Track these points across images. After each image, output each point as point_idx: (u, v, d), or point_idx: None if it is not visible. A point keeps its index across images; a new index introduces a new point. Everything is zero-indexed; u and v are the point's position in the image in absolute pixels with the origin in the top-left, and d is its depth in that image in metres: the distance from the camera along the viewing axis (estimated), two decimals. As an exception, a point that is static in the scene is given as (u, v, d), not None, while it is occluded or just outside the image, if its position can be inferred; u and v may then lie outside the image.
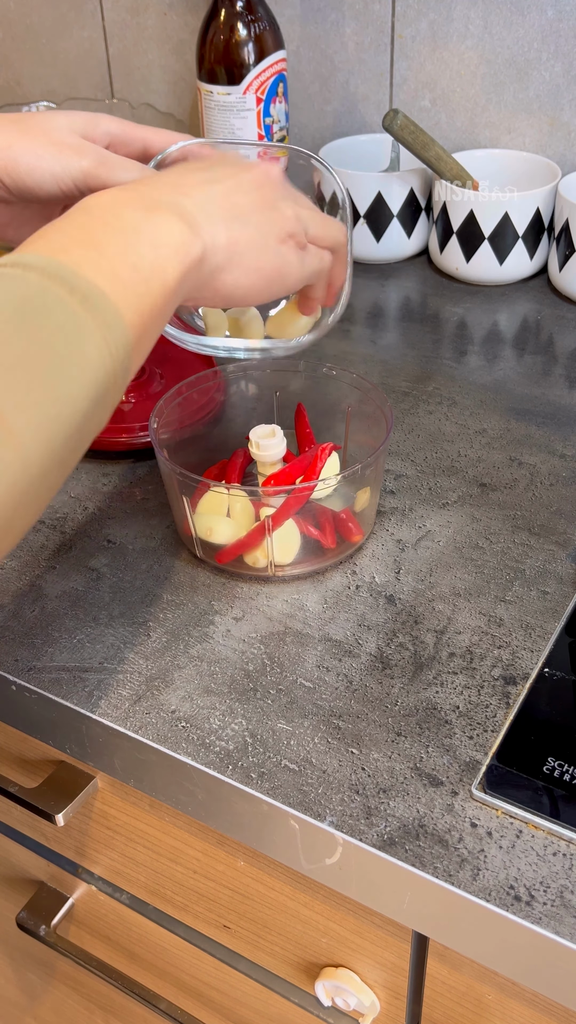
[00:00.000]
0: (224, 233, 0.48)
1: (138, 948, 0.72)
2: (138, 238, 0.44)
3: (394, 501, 0.65)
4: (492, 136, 0.96)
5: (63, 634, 0.56)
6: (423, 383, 0.77)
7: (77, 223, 0.44)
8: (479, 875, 0.43)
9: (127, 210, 0.45)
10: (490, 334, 0.84)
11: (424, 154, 0.86)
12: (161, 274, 0.44)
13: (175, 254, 0.45)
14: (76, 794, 0.60)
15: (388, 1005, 0.58)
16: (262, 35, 0.92)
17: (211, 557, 0.60)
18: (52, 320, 0.39)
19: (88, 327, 0.40)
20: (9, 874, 0.79)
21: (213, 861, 0.59)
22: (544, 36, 0.89)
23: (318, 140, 1.05)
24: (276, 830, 0.48)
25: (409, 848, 0.45)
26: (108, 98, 1.17)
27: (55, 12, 1.15)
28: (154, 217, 0.45)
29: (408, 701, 0.51)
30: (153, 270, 0.44)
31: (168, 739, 0.50)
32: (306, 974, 0.61)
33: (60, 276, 0.41)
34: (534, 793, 0.46)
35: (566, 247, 0.85)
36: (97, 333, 0.40)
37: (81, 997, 0.84)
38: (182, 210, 0.47)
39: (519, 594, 0.57)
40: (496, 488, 0.66)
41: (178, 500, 0.59)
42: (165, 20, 1.08)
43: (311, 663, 0.54)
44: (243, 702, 0.52)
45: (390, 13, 0.95)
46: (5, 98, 1.25)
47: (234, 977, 0.67)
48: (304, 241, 0.53)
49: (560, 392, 0.76)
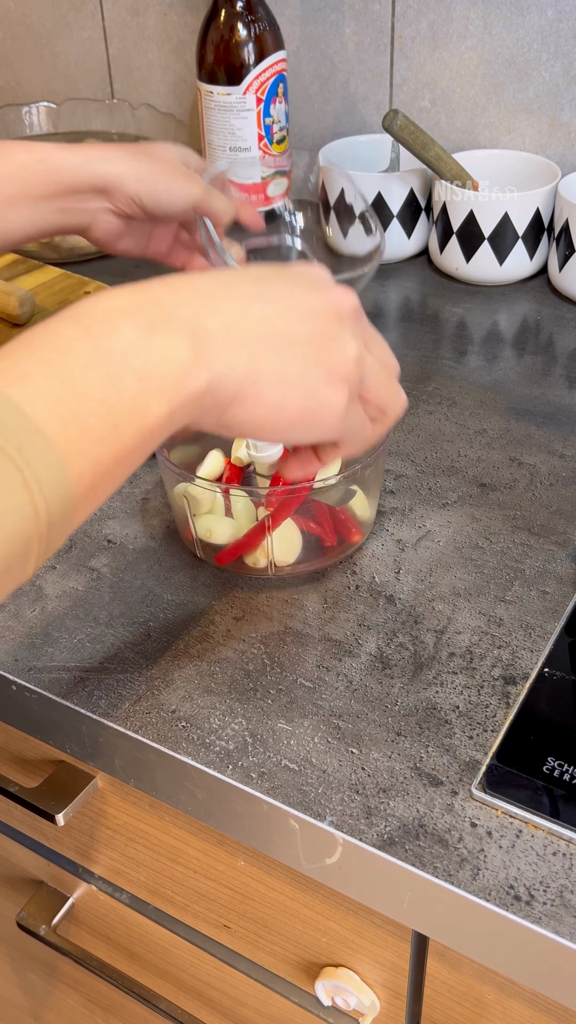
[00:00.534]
0: (244, 363, 0.41)
1: (138, 948, 0.72)
2: (122, 368, 0.37)
3: (394, 501, 0.65)
4: (492, 136, 0.96)
5: (63, 634, 0.56)
6: (423, 383, 0.77)
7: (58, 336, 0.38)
8: (479, 875, 0.44)
9: (126, 324, 0.38)
10: (490, 334, 0.84)
11: (424, 154, 0.86)
12: (140, 414, 0.38)
13: (165, 388, 0.38)
14: (76, 794, 0.61)
15: (388, 1005, 0.58)
16: (262, 35, 0.92)
17: (211, 557, 0.60)
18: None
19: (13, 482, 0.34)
20: (9, 874, 0.79)
21: (213, 861, 0.59)
22: (544, 36, 0.89)
23: (318, 140, 1.06)
24: (276, 830, 0.48)
25: (409, 848, 0.45)
26: (108, 98, 1.17)
27: (55, 12, 1.15)
28: (155, 337, 0.38)
29: (408, 701, 0.51)
30: (130, 410, 0.37)
31: (168, 739, 0.50)
32: (306, 974, 0.61)
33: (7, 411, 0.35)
34: (534, 793, 0.46)
35: (566, 247, 0.85)
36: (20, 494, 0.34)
37: (81, 997, 0.84)
38: (197, 328, 0.39)
39: (519, 594, 0.57)
40: (496, 488, 0.66)
41: (178, 500, 0.59)
42: (165, 20, 1.08)
43: (311, 663, 0.54)
44: (243, 702, 0.52)
45: (390, 13, 0.95)
46: (5, 98, 1.25)
47: (234, 977, 0.67)
48: (354, 393, 0.45)
49: (560, 392, 0.76)
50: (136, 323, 0.38)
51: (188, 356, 0.39)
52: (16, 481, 0.34)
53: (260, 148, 0.96)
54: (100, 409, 0.37)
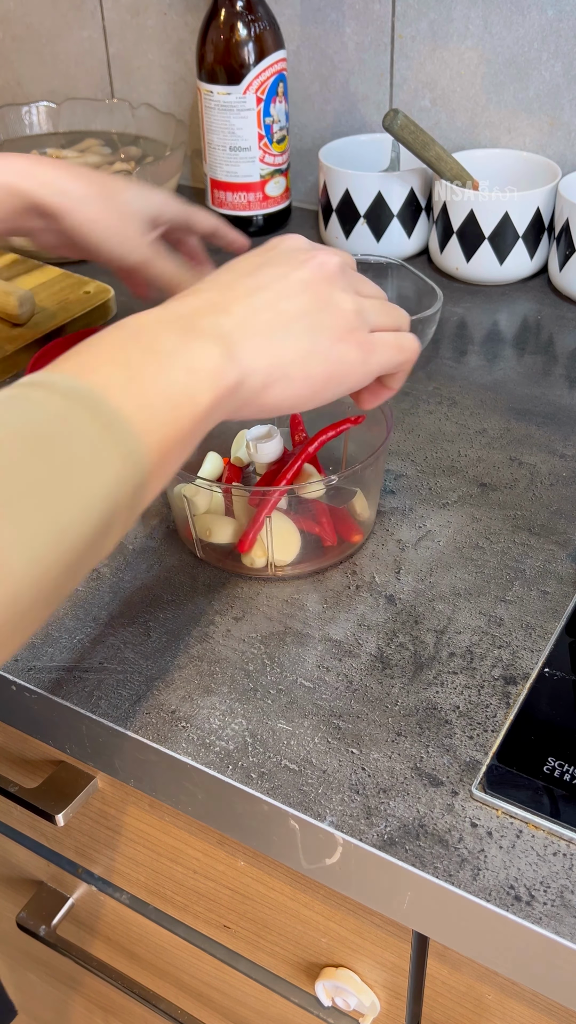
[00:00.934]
0: (266, 351, 0.46)
1: (138, 948, 0.72)
2: (172, 363, 0.43)
3: (394, 501, 0.65)
4: (492, 136, 0.96)
5: (63, 634, 0.56)
6: (423, 383, 0.77)
7: (114, 341, 0.43)
8: (479, 875, 0.43)
9: (165, 333, 0.44)
10: (490, 334, 0.84)
11: (424, 154, 0.86)
12: (192, 401, 0.43)
13: (209, 380, 0.43)
14: (76, 794, 0.61)
15: (388, 1005, 0.58)
16: (262, 35, 0.92)
17: (211, 557, 0.60)
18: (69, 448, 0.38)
19: (105, 456, 0.39)
20: (9, 874, 0.79)
21: (213, 861, 0.59)
22: (544, 36, 0.89)
23: (318, 140, 1.05)
24: (276, 830, 0.48)
25: (409, 848, 0.45)
26: (108, 98, 1.17)
27: (55, 12, 1.15)
28: (191, 342, 0.43)
29: (408, 701, 0.51)
30: (184, 396, 0.42)
31: (168, 739, 0.50)
32: (306, 974, 0.61)
33: (84, 401, 0.40)
34: (534, 793, 0.46)
35: (566, 247, 0.85)
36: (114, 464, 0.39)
37: (81, 997, 0.84)
38: (221, 332, 0.45)
39: (519, 594, 0.57)
40: (496, 488, 0.66)
41: (178, 500, 0.59)
42: (165, 20, 1.08)
43: (311, 663, 0.54)
44: (243, 702, 0.52)
45: (390, 13, 0.95)
46: (5, 98, 1.25)
47: (234, 977, 0.67)
48: (366, 336, 0.49)
49: (560, 392, 0.76)
50: (174, 331, 0.44)
51: (220, 355, 0.44)
52: (112, 454, 0.39)
53: (260, 148, 0.96)
54: (161, 396, 0.41)
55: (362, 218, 0.92)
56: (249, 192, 0.99)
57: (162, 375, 0.42)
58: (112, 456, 0.39)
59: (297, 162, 1.08)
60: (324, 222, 0.96)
